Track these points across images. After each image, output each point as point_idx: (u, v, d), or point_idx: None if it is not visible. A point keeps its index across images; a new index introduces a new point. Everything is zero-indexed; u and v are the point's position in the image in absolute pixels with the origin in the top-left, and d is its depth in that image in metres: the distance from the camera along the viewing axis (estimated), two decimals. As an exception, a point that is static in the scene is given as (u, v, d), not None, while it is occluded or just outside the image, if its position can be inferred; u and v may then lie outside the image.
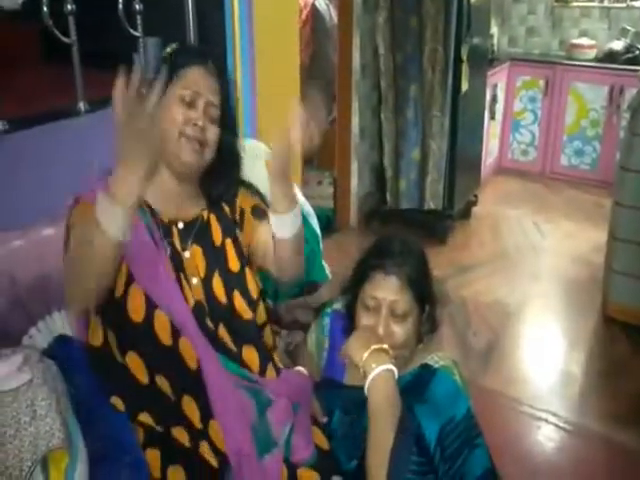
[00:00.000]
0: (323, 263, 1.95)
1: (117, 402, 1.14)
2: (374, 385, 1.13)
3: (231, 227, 1.26)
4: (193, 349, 1.11)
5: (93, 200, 0.96)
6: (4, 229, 1.33)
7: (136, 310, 1.11)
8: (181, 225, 1.19)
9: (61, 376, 1.08)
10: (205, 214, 1.23)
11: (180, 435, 1.12)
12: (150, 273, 1.11)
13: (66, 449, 0.92)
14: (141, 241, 1.11)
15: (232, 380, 1.13)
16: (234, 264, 1.23)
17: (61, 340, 1.21)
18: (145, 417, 1.13)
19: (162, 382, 1.12)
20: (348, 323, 1.31)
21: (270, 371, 1.22)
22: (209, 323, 1.16)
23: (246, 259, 1.27)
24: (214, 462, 1.11)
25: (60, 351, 1.17)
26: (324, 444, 1.19)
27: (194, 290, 1.16)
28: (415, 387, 1.21)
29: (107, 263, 0.99)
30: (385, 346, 1.18)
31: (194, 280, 1.17)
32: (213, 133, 1.18)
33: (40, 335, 1.25)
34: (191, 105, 1.15)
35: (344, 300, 1.34)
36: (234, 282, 1.21)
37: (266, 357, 1.22)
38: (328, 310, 1.44)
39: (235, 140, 1.27)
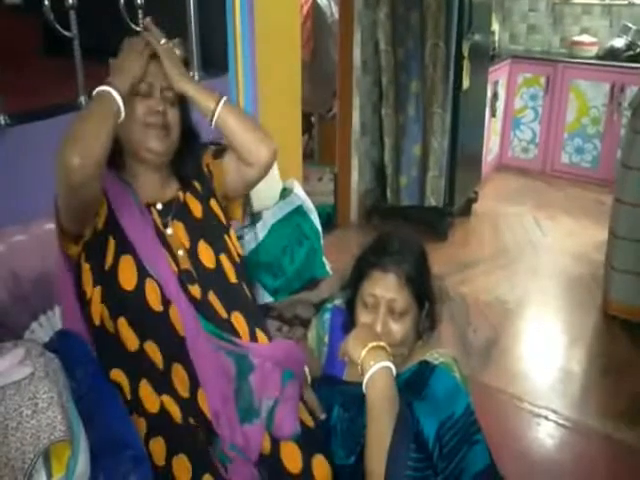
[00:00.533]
0: (324, 259, 1.96)
1: (118, 376, 1.16)
2: (372, 382, 1.14)
3: (206, 197, 1.32)
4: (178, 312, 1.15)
5: None
6: (5, 223, 1.33)
7: (127, 279, 1.15)
8: (159, 206, 1.25)
9: (62, 370, 1.08)
10: (181, 195, 1.28)
11: (171, 407, 1.14)
12: (139, 234, 1.17)
13: (68, 442, 0.92)
14: (130, 208, 1.20)
15: (212, 342, 1.16)
16: (217, 231, 1.29)
17: (62, 334, 1.21)
18: (145, 386, 1.15)
19: (152, 349, 1.15)
20: (348, 319, 1.31)
21: (261, 337, 1.24)
22: (198, 289, 1.19)
23: (226, 227, 1.33)
24: (202, 436, 1.13)
25: (61, 345, 1.17)
26: (309, 421, 1.21)
27: (181, 260, 1.21)
28: (414, 384, 1.21)
29: (108, 123, 1.11)
30: (382, 343, 1.18)
31: (180, 252, 1.22)
32: (173, 115, 1.24)
33: (42, 329, 1.25)
34: (148, 95, 1.21)
35: (344, 296, 1.34)
36: (219, 246, 1.27)
37: (254, 322, 1.25)
38: (329, 306, 1.44)
39: (191, 118, 1.32)
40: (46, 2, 1.60)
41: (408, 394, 1.17)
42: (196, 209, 1.29)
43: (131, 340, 1.15)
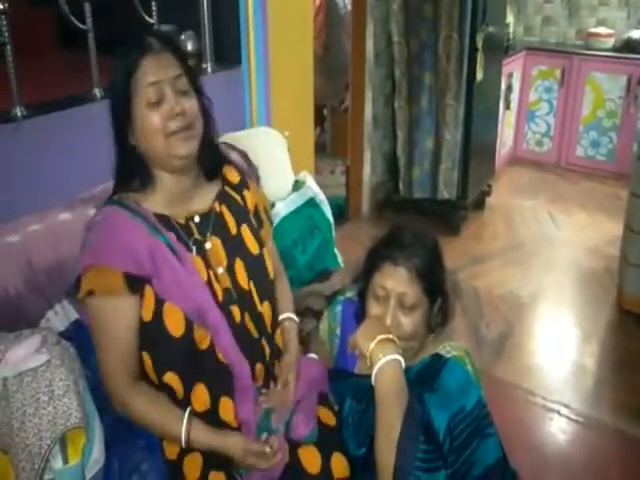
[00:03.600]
0: (336, 251, 1.96)
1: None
2: (380, 374, 1.14)
3: (243, 213, 1.28)
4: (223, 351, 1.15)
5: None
6: (21, 213, 1.34)
7: (175, 326, 1.12)
8: (197, 219, 1.19)
9: (78, 358, 1.10)
10: (217, 206, 1.23)
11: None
12: (183, 292, 1.12)
13: (83, 429, 0.94)
14: (170, 265, 1.11)
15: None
16: (254, 248, 1.26)
17: (78, 324, 1.23)
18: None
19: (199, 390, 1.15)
20: (361, 310, 1.31)
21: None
22: (237, 311, 1.18)
23: (262, 242, 1.30)
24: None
25: (77, 334, 1.18)
26: (330, 420, 1.21)
27: (221, 279, 1.18)
28: (426, 376, 1.21)
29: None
30: (391, 336, 1.18)
31: (220, 270, 1.19)
32: (191, 105, 1.11)
33: (57, 318, 1.27)
34: (161, 100, 1.08)
35: (357, 287, 1.34)
36: (255, 266, 1.25)
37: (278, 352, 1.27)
38: (340, 298, 1.45)
39: (210, 101, 1.20)
40: (61, -5, 1.61)
41: (420, 386, 1.17)
42: (231, 223, 1.23)
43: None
